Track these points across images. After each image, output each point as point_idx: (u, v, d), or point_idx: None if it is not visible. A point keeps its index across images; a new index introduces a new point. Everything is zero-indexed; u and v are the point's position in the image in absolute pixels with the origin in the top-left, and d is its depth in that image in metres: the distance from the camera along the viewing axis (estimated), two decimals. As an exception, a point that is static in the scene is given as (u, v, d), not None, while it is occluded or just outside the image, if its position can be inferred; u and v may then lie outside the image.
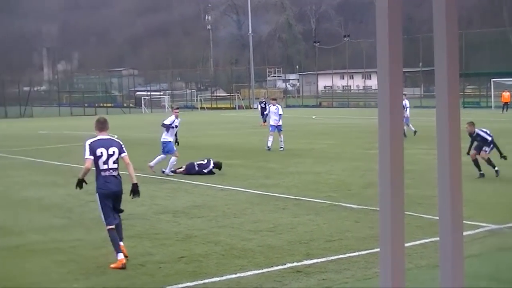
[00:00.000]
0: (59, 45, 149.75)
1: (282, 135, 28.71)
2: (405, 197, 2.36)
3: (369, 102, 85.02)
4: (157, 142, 22.54)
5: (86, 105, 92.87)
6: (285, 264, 9.98)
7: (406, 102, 33.08)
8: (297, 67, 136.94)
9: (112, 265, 10.01)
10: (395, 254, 2.33)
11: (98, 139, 10.66)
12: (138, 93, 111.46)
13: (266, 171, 21.80)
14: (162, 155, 21.44)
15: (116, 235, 10.25)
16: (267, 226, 12.80)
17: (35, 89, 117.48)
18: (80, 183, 10.77)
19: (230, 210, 14.65)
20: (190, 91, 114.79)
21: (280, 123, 28.79)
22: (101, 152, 10.45)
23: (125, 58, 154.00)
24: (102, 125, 10.88)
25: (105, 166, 10.44)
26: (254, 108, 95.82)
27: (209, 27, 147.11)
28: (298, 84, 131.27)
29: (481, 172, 18.59)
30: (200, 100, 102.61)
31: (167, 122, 21.55)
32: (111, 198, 10.43)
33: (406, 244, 2.94)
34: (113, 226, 10.30)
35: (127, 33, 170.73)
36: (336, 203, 15.04)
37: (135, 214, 14.26)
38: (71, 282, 9.37)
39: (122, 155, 10.69)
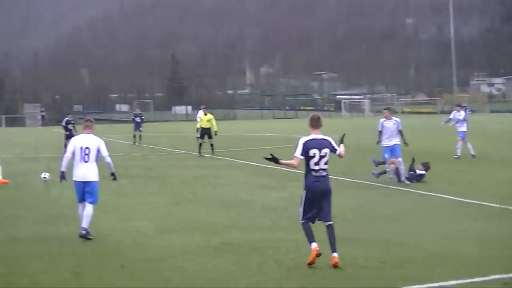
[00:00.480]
0: (262, 49, 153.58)
1: (463, 142, 27.42)
2: None
3: None
4: (357, 147, 22.48)
5: (287, 108, 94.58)
6: (489, 276, 9.61)
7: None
8: (503, 70, 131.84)
9: (308, 261, 10.17)
10: None
11: (312, 139, 10.54)
12: (338, 96, 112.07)
13: (470, 177, 21.20)
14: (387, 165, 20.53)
15: (309, 228, 10.36)
16: (472, 235, 12.41)
17: (239, 92, 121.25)
18: (274, 160, 10.65)
19: (433, 216, 14.40)
20: (390, 95, 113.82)
21: (463, 129, 27.56)
22: (314, 153, 10.40)
23: (326, 61, 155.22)
24: (316, 123, 10.68)
25: (316, 167, 10.42)
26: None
27: (410, 30, 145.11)
28: (504, 88, 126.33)
29: None
30: (401, 104, 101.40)
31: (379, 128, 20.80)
32: (318, 197, 10.46)
33: None
34: (306, 222, 10.47)
35: (329, 36, 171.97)
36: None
37: (340, 218, 14.30)
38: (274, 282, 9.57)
39: (336, 153, 10.67)
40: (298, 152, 10.42)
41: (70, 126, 33.34)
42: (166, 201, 17.47)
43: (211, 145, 31.38)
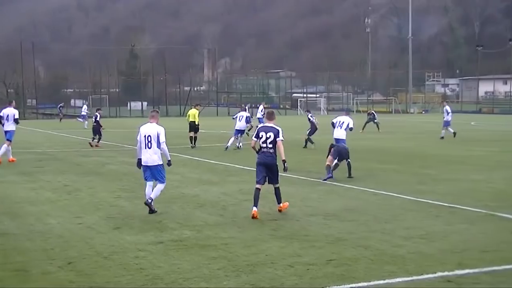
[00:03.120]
0: (220, 46, 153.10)
1: None
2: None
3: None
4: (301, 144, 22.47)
5: (242, 105, 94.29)
6: (435, 273, 9.69)
7: (447, 108, 40.33)
8: (458, 71, 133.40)
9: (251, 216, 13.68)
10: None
11: (264, 126, 14.43)
12: (294, 95, 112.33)
13: (420, 177, 21.35)
14: None
15: (258, 195, 13.91)
16: (419, 233, 12.51)
17: (195, 89, 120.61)
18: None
19: (381, 215, 14.45)
20: (346, 94, 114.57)
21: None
22: (262, 135, 14.24)
23: (284, 60, 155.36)
24: (269, 116, 14.68)
25: (264, 145, 14.20)
26: (410, 113, 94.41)
27: (368, 30, 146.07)
28: (457, 89, 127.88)
29: None
30: (356, 103, 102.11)
31: None
32: (264, 167, 14.16)
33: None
34: (258, 186, 14.01)
35: (287, 35, 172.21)
36: (493, 213, 14.49)
37: (286, 215, 14.35)
38: (222, 279, 9.52)
39: (277, 139, 14.12)
40: (253, 135, 14.52)
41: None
42: (114, 196, 17.32)
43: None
